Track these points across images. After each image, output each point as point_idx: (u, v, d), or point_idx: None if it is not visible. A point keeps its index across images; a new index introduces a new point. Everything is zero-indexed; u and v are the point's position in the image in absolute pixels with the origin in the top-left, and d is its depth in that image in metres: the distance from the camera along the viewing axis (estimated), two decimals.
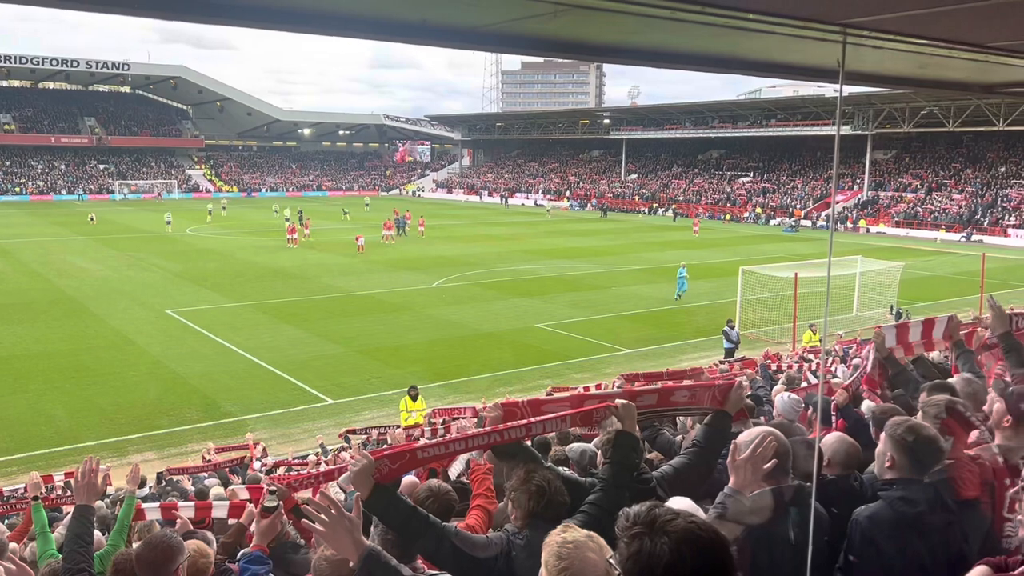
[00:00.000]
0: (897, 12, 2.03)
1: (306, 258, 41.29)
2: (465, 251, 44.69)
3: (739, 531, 3.10)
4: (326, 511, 2.64)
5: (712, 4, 1.89)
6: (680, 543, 1.67)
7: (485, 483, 4.30)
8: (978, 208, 57.66)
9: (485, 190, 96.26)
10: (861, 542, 3.23)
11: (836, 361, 15.70)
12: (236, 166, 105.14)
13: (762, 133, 76.44)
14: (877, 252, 38.43)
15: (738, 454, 3.14)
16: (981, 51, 2.57)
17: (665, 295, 31.52)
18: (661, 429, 6.21)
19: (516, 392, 18.11)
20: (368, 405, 18.44)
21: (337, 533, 2.64)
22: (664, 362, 20.12)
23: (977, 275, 29.22)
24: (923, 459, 3.30)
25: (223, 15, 2.19)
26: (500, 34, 2.59)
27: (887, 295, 27.82)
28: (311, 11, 2.36)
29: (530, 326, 26.23)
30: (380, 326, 26.05)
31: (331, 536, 2.65)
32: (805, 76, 3.01)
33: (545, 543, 2.21)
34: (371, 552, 2.68)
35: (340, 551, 2.73)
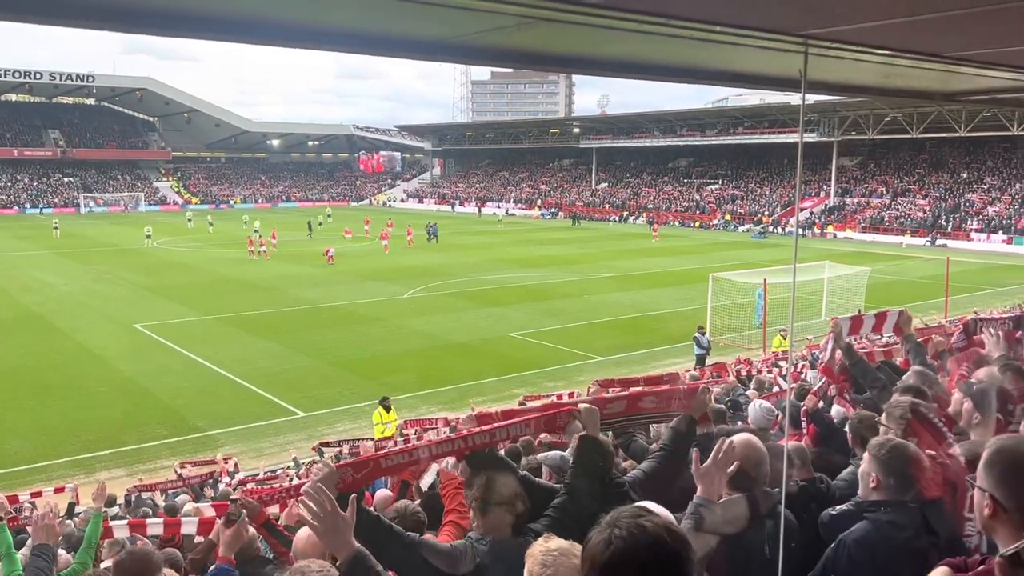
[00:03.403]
0: (857, 23, 2.07)
1: (275, 270, 40.94)
2: (437, 261, 44.60)
3: (715, 541, 3.11)
4: (321, 505, 2.62)
5: (676, 16, 1.91)
6: (632, 531, 1.72)
7: (457, 498, 4.27)
8: (942, 213, 58.75)
9: (457, 200, 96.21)
10: (847, 565, 3.20)
11: (806, 366, 15.88)
12: (204, 178, 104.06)
13: (730, 141, 77.29)
14: (844, 257, 39.02)
15: (701, 463, 3.16)
16: (940, 61, 2.62)
17: (636, 302, 31.68)
18: (635, 436, 6.24)
19: (489, 402, 18.06)
20: (341, 417, 18.30)
21: (329, 530, 2.63)
22: (637, 369, 20.19)
23: (942, 279, 29.72)
24: (908, 478, 3.33)
25: (187, 28, 2.17)
26: (467, 46, 2.59)
27: (855, 300, 28.20)
28: (276, 24, 2.35)
29: (503, 335, 26.22)
30: (351, 337, 25.88)
31: (324, 531, 2.64)
32: (769, 86, 3.05)
33: (528, 554, 2.21)
34: (359, 554, 2.66)
35: (330, 547, 2.72)
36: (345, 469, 3.18)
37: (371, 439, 14.50)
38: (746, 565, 3.17)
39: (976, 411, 3.68)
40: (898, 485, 3.32)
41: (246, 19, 2.26)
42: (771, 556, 3.12)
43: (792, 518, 3.36)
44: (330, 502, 2.64)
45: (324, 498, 2.63)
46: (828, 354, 5.99)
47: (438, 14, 2.08)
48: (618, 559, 1.70)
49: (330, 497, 2.65)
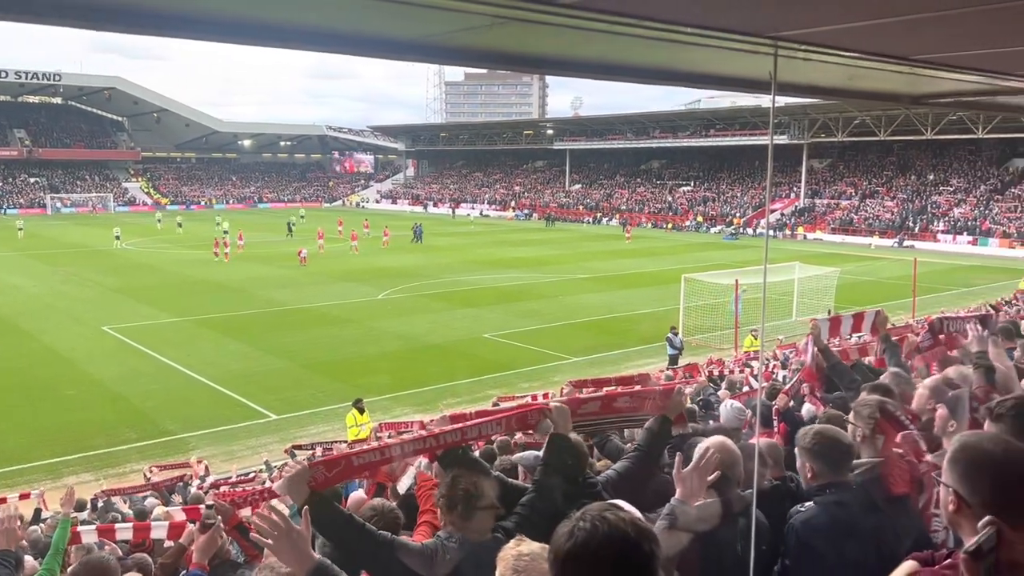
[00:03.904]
0: (825, 26, 2.09)
1: (247, 271, 40.56)
2: (411, 262, 44.46)
3: (687, 539, 3.14)
4: (273, 523, 2.60)
5: (648, 17, 1.92)
6: (595, 523, 1.74)
7: (432, 498, 4.27)
8: (909, 214, 59.66)
9: (431, 201, 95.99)
10: (796, 547, 3.31)
11: (777, 366, 16.06)
12: (174, 178, 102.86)
13: (702, 143, 77.90)
14: (814, 258, 39.48)
15: (684, 467, 3.19)
16: (906, 63, 2.67)
17: (610, 303, 31.82)
18: (610, 436, 6.27)
19: (464, 403, 18.04)
20: (314, 420, 18.17)
21: (284, 546, 2.61)
22: (610, 369, 20.27)
23: (909, 279, 30.19)
24: (835, 459, 3.42)
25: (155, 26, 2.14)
26: (440, 46, 2.59)
27: (824, 300, 28.54)
28: (247, 22, 2.32)
29: (477, 336, 26.21)
30: (325, 339, 25.71)
31: (279, 549, 2.62)
32: (740, 88, 3.08)
33: (500, 557, 2.21)
34: (319, 565, 2.65)
35: (288, 564, 2.70)
36: (317, 467, 3.16)
37: (345, 441, 14.42)
38: (718, 562, 3.20)
39: (952, 418, 3.74)
40: (830, 468, 3.42)
41: (216, 17, 2.24)
42: (743, 553, 3.15)
43: (763, 517, 3.40)
44: (282, 518, 2.62)
45: (275, 515, 2.62)
46: (810, 357, 6.06)
47: (410, 13, 2.08)
48: (579, 549, 1.72)
49: (281, 513, 2.64)
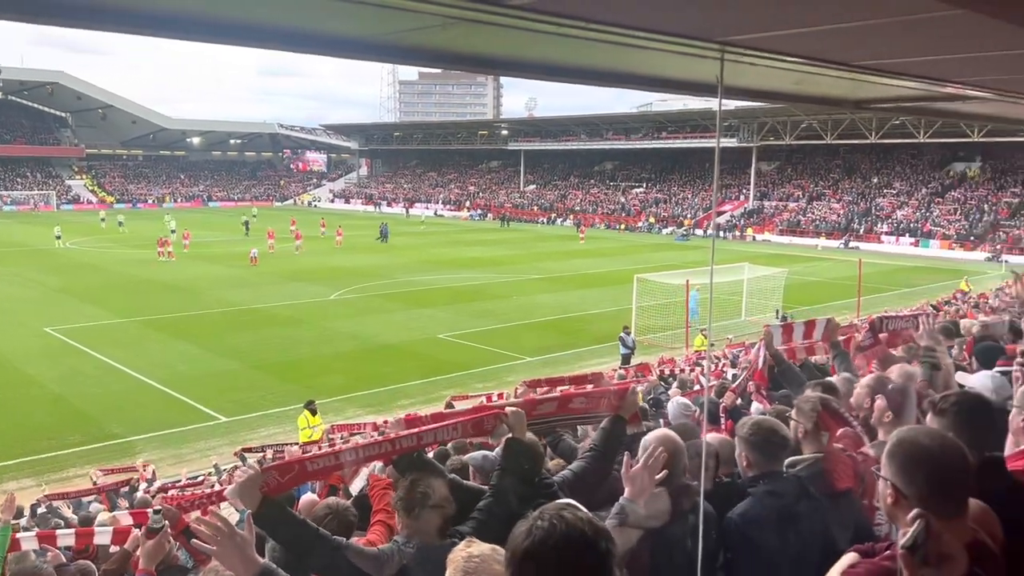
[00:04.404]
0: (770, 32, 2.14)
1: (196, 271, 39.80)
2: (364, 262, 44.10)
3: (636, 536, 3.17)
4: (216, 529, 2.57)
5: (596, 20, 1.95)
6: (553, 521, 1.77)
7: (385, 499, 4.25)
8: (854, 216, 61.13)
9: (384, 200, 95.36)
10: (736, 539, 3.37)
11: (727, 364, 16.32)
12: (120, 176, 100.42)
13: (654, 145, 78.76)
14: (763, 259, 40.20)
15: (631, 466, 3.23)
16: (848, 69, 2.74)
17: (563, 303, 31.98)
18: (563, 435, 6.31)
19: (418, 404, 17.97)
20: (264, 422, 17.92)
21: (228, 552, 2.58)
22: (564, 369, 20.38)
23: (855, 280, 30.96)
24: (770, 449, 3.51)
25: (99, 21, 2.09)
26: (392, 45, 2.58)
27: (773, 300, 29.11)
28: (193, 18, 2.28)
29: (431, 337, 26.12)
30: (276, 340, 25.37)
31: (223, 554, 2.59)
32: (688, 91, 3.13)
33: (450, 559, 2.21)
34: (264, 569, 2.62)
35: (232, 569, 2.67)
36: (270, 472, 3.13)
37: (296, 443, 14.25)
38: (669, 559, 3.24)
39: (888, 409, 3.84)
40: (765, 458, 3.50)
41: (161, 12, 2.20)
42: (693, 549, 3.19)
43: (712, 509, 3.46)
44: (224, 523, 2.59)
45: (218, 520, 2.59)
46: (761, 361, 6.17)
47: (362, 12, 2.07)
48: (537, 547, 1.74)
49: (223, 518, 2.61)
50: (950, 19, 1.79)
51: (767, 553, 3.34)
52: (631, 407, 4.31)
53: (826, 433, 3.81)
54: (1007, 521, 2.42)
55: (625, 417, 4.24)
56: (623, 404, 4.26)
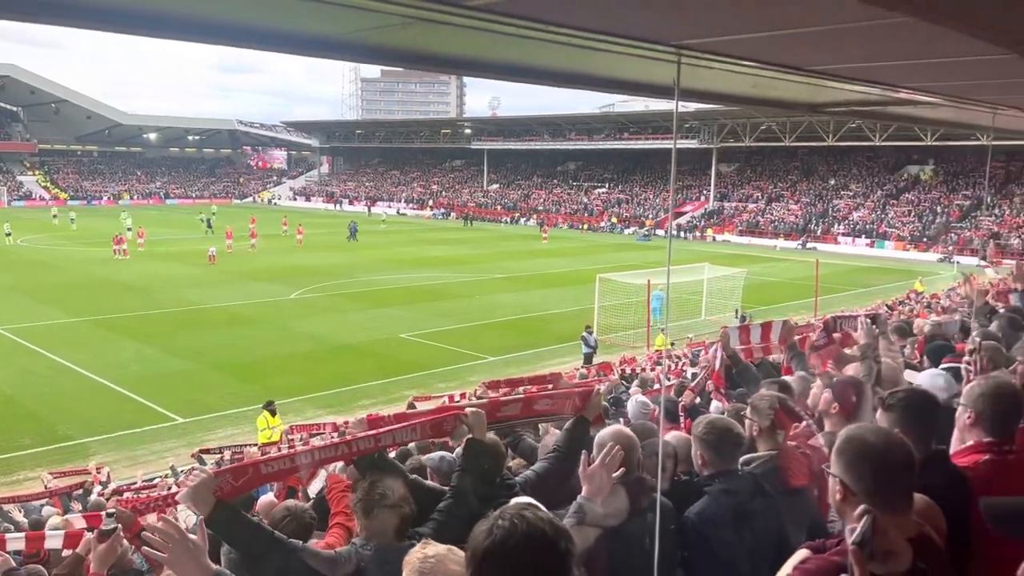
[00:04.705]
0: (725, 36, 2.18)
1: (153, 270, 39.10)
2: (325, 261, 43.70)
3: (595, 535, 3.19)
4: (168, 535, 2.53)
5: (555, 23, 1.96)
6: (514, 521, 1.78)
7: (344, 500, 4.23)
8: (812, 217, 62.14)
9: (346, 198, 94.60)
10: (693, 538, 3.41)
11: (687, 364, 16.49)
12: (74, 172, 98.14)
13: (616, 146, 79.23)
14: (722, 259, 40.68)
15: (588, 465, 3.24)
16: (802, 73, 2.79)
17: (526, 303, 32.02)
18: (523, 435, 6.32)
19: (379, 404, 17.87)
20: (223, 423, 17.66)
21: (180, 558, 2.54)
22: (526, 368, 20.43)
23: (812, 280, 31.49)
24: (725, 448, 3.56)
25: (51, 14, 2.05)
26: (352, 44, 2.57)
27: (732, 300, 29.48)
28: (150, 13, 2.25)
29: (393, 336, 25.98)
30: (235, 340, 25.03)
31: (174, 561, 2.55)
32: (646, 93, 3.16)
33: (405, 561, 2.20)
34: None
35: (183, 575, 2.63)
36: (223, 475, 3.08)
37: (255, 444, 14.08)
38: (627, 556, 3.26)
39: (835, 402, 3.93)
40: (720, 456, 3.56)
41: (120, 8, 2.16)
42: (651, 547, 3.22)
43: (671, 506, 3.50)
44: (176, 528, 2.56)
45: (170, 527, 2.55)
46: (718, 362, 6.25)
47: (320, 10, 2.05)
48: (498, 546, 1.75)
49: (176, 525, 2.57)
50: (899, 27, 1.84)
51: (724, 550, 3.38)
52: (595, 409, 4.34)
53: (781, 431, 3.88)
54: (951, 515, 2.50)
55: (589, 419, 4.27)
56: (587, 406, 4.29)
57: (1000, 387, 3.17)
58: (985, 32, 1.92)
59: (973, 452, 3.13)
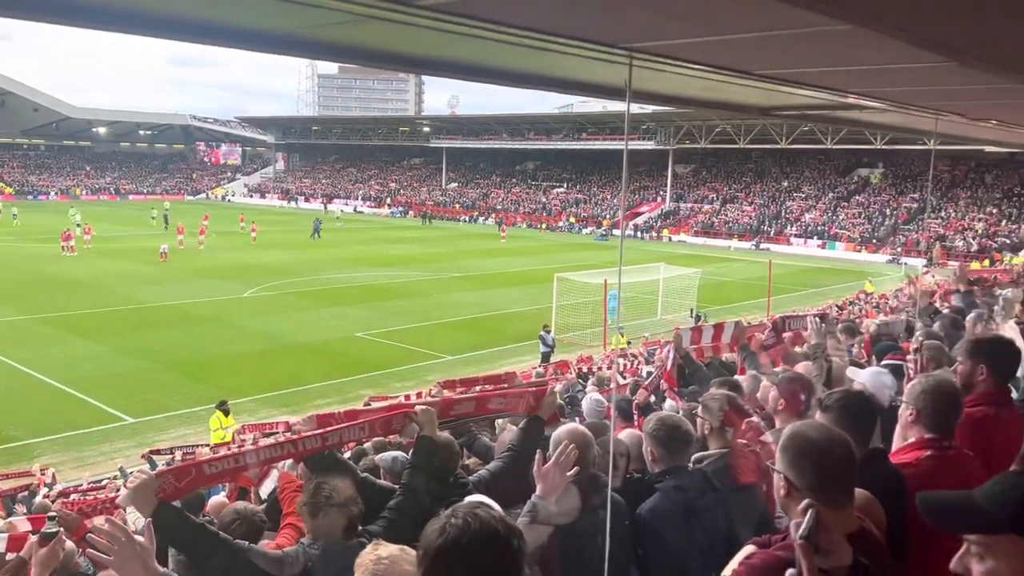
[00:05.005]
0: (675, 40, 2.21)
1: (103, 267, 38.21)
2: (280, 258, 43.16)
3: (547, 533, 3.21)
4: (114, 537, 2.48)
5: (506, 23, 1.97)
6: (467, 519, 1.78)
7: (296, 501, 4.19)
8: (765, 219, 63.17)
9: (302, 196, 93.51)
10: (646, 535, 3.46)
11: (641, 362, 16.66)
12: (20, 166, 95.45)
13: (574, 146, 79.59)
14: (678, 259, 41.15)
15: (542, 464, 3.26)
16: (752, 77, 2.84)
17: (484, 302, 32.01)
18: (478, 435, 6.32)
19: (335, 404, 17.70)
20: (174, 423, 17.35)
21: (126, 560, 2.48)
22: (484, 367, 20.41)
23: (765, 280, 31.99)
24: (674, 445, 3.62)
25: None
26: (302, 40, 2.54)
27: (687, 299, 29.84)
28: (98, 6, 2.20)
29: (350, 335, 25.76)
30: (187, 338, 24.58)
31: (120, 563, 2.49)
32: (600, 94, 3.19)
33: (357, 563, 2.19)
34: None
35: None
36: (164, 477, 3.03)
37: (208, 445, 13.86)
38: (579, 554, 3.29)
39: (781, 399, 4.01)
40: (670, 453, 3.62)
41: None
42: (603, 544, 3.25)
43: (624, 503, 3.54)
44: (122, 530, 2.50)
45: (116, 528, 2.50)
46: (670, 362, 6.33)
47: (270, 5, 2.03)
48: (451, 545, 1.75)
49: (122, 527, 2.52)
50: (842, 34, 1.89)
51: (676, 546, 3.43)
52: (549, 408, 4.36)
53: (731, 429, 3.94)
54: (890, 510, 2.57)
55: (544, 418, 4.29)
56: (541, 405, 4.31)
57: (940, 385, 3.26)
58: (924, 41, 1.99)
59: (915, 448, 3.23)
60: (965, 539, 1.69)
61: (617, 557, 3.24)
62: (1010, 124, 5.83)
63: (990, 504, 1.65)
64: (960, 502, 1.72)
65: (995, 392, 3.70)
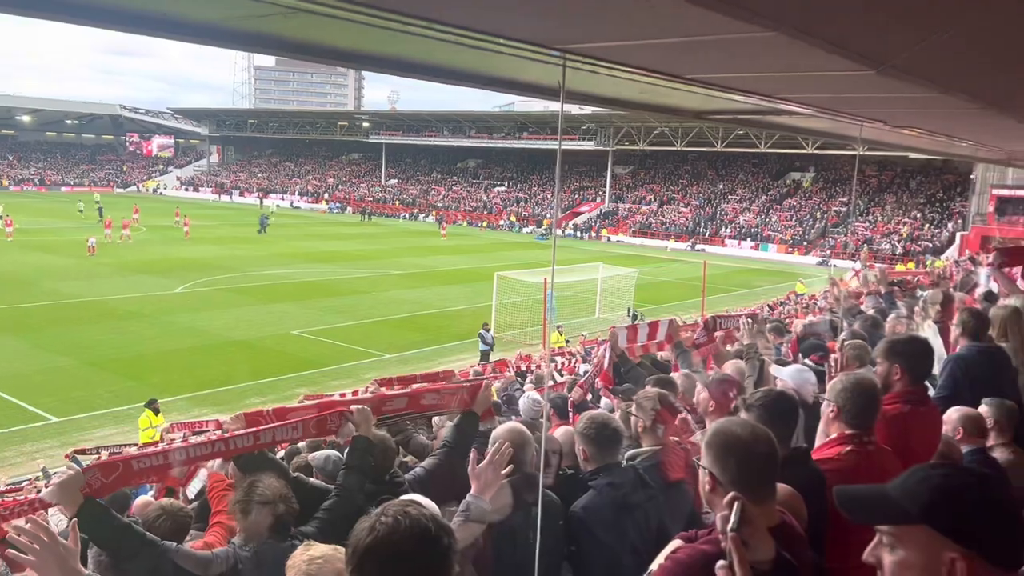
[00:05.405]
0: (607, 43, 2.24)
1: (26, 260, 36.77)
2: (214, 253, 42.20)
3: (480, 530, 3.22)
4: (35, 538, 2.39)
5: (440, 21, 1.97)
6: (397, 518, 1.77)
7: (225, 499, 4.11)
8: (700, 220, 64.37)
9: (237, 190, 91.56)
10: (579, 532, 3.50)
11: (579, 360, 16.81)
12: None
13: (515, 145, 79.78)
14: (616, 259, 41.62)
15: (476, 462, 3.27)
16: (683, 81, 2.90)
17: (424, 299, 31.85)
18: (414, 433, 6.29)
19: (270, 403, 17.38)
20: (101, 422, 16.82)
21: (47, 561, 2.40)
22: (423, 366, 20.33)
23: (700, 280, 32.57)
24: (604, 442, 3.66)
25: None
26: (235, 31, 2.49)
27: (625, 299, 30.22)
28: None
29: (286, 333, 25.36)
30: (115, 335, 23.86)
31: (41, 564, 2.40)
32: (535, 93, 3.21)
33: (289, 565, 2.16)
34: None
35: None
36: (91, 472, 2.94)
37: (135, 444, 13.47)
38: (512, 551, 3.31)
39: (712, 400, 4.10)
40: (601, 450, 3.66)
41: None
42: (535, 541, 3.28)
43: (557, 500, 3.57)
44: (44, 530, 2.41)
45: (38, 528, 2.41)
46: (607, 360, 6.40)
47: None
48: (379, 543, 1.74)
49: (44, 526, 2.43)
50: (765, 41, 1.94)
51: (609, 543, 3.47)
52: (484, 403, 4.37)
53: (662, 426, 4.02)
54: (812, 505, 2.66)
55: (478, 413, 4.29)
56: (476, 400, 4.32)
57: (860, 383, 3.38)
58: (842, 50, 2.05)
59: (836, 444, 3.35)
60: (877, 530, 1.75)
61: (549, 554, 3.27)
62: (931, 132, 6.07)
63: (901, 497, 1.71)
64: (873, 495, 1.79)
65: (911, 391, 3.85)
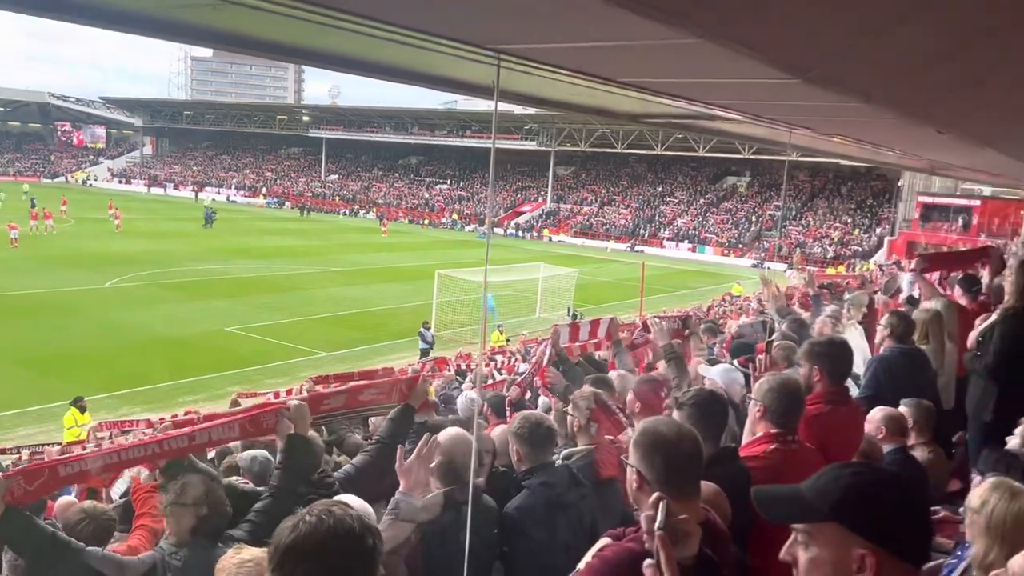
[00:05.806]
0: (540, 44, 2.25)
1: None
2: (146, 247, 41.04)
3: (410, 529, 3.20)
4: None
5: (370, 16, 1.95)
6: (320, 516, 1.75)
7: (150, 502, 4.01)
8: (640, 222, 65.26)
9: (171, 182, 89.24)
10: (512, 532, 3.51)
11: (519, 359, 16.88)
12: None
13: (458, 143, 79.63)
14: (557, 259, 41.89)
15: (403, 459, 3.25)
16: (615, 85, 2.93)
17: (363, 297, 31.55)
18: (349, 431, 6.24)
19: (202, 401, 17.02)
20: (23, 421, 16.23)
21: None
22: (362, 364, 20.14)
23: (639, 281, 33.03)
24: (537, 440, 3.70)
25: None
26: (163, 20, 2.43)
27: (565, 298, 30.45)
28: None
29: (219, 330, 24.83)
30: (40, 331, 23.02)
31: None
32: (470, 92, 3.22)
33: (218, 568, 2.12)
34: None
35: None
36: (14, 479, 2.83)
37: (59, 444, 13.03)
38: (442, 550, 3.30)
39: (638, 401, 4.18)
40: (534, 449, 3.69)
41: None
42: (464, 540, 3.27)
43: (492, 502, 3.57)
44: None
45: None
46: (546, 358, 6.43)
47: None
48: (300, 541, 1.72)
49: None
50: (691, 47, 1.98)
51: (541, 542, 3.50)
52: (420, 395, 4.36)
53: (596, 425, 4.07)
54: (737, 503, 2.72)
55: (414, 406, 4.28)
56: (413, 393, 4.30)
57: (785, 383, 3.49)
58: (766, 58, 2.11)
59: (761, 442, 3.44)
60: (792, 529, 1.81)
61: (481, 554, 3.27)
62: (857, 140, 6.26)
63: (813, 496, 1.77)
64: (788, 494, 1.85)
65: (831, 391, 3.99)
